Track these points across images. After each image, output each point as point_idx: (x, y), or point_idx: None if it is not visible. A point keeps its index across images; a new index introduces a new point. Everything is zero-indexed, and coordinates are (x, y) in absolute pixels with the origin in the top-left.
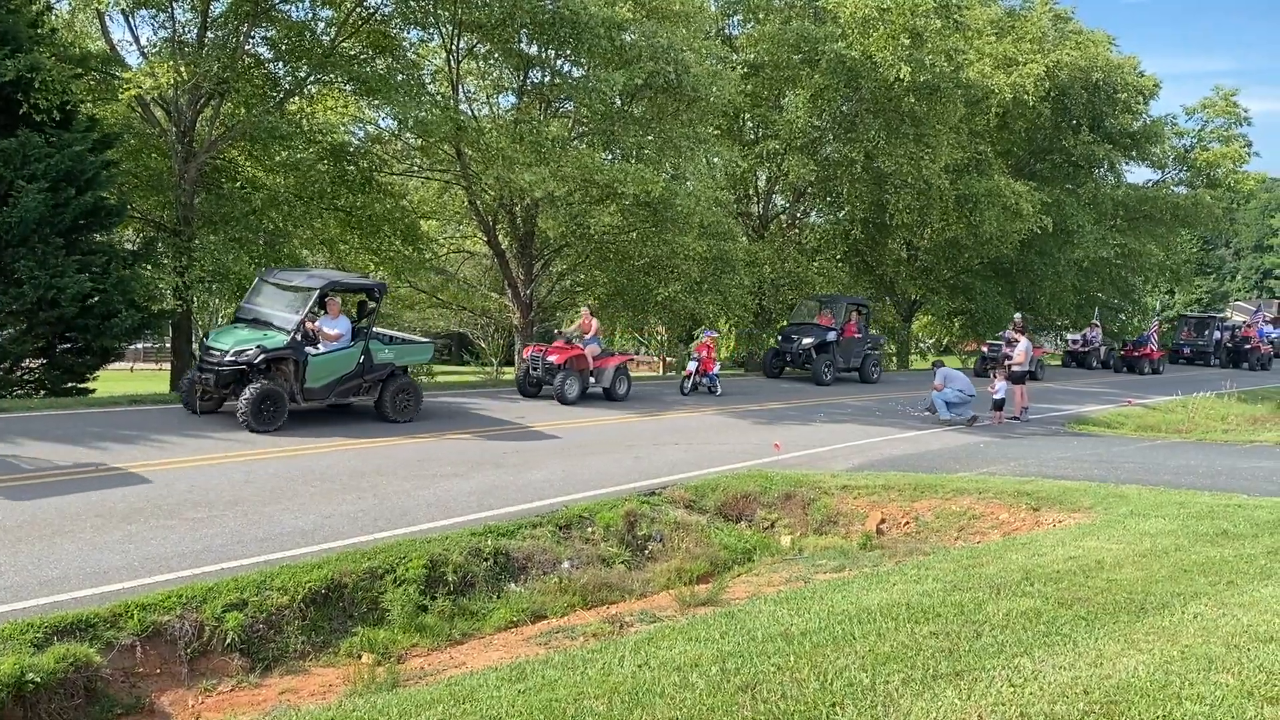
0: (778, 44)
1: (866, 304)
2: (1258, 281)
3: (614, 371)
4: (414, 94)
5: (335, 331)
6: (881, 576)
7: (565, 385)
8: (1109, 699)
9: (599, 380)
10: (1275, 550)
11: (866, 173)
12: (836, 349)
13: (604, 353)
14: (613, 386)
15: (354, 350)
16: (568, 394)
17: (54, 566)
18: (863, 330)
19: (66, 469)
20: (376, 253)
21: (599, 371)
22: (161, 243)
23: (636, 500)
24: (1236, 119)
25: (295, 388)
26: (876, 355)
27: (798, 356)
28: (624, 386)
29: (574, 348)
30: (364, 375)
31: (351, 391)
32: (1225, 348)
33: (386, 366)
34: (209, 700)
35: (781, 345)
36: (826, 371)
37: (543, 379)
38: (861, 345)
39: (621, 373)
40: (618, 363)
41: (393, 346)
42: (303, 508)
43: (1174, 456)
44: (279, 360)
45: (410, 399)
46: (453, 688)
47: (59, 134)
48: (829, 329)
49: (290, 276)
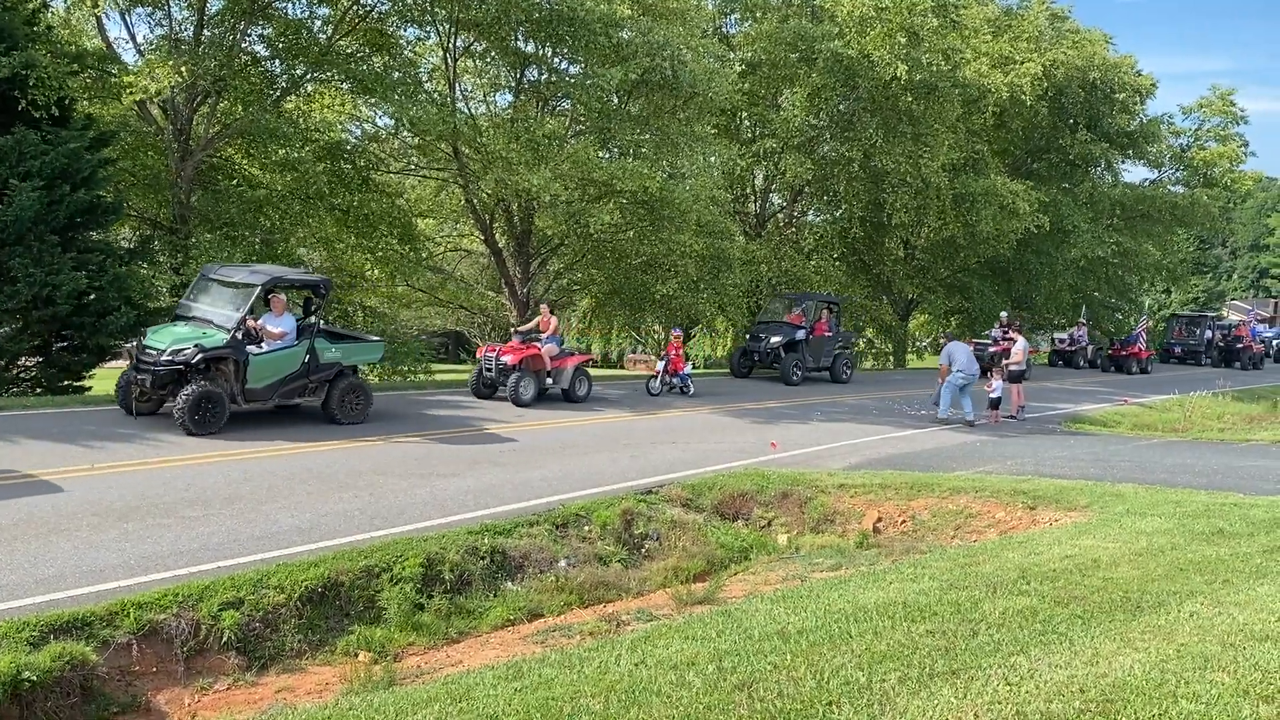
0: (775, 42)
1: (837, 301)
2: (1254, 280)
3: (573, 372)
4: (411, 92)
5: (279, 330)
6: (878, 575)
7: (519, 387)
8: (1105, 697)
9: (557, 381)
10: (1271, 549)
11: (864, 171)
12: (806, 348)
13: (563, 352)
14: (571, 388)
15: (299, 349)
16: (522, 396)
17: (50, 565)
18: (833, 328)
19: (60, 468)
20: (373, 251)
21: (557, 372)
22: (158, 240)
23: (633, 499)
24: (1233, 118)
25: (236, 388)
26: (848, 354)
27: (766, 356)
28: (584, 388)
29: (529, 347)
30: (310, 375)
31: (297, 392)
32: (1217, 347)
33: (333, 366)
34: (205, 699)
35: (749, 344)
36: (796, 372)
37: (497, 380)
38: (832, 344)
39: (581, 373)
40: (577, 362)
41: (340, 345)
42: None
43: (1170, 455)
44: (218, 360)
45: (359, 400)
46: (449, 686)
47: (55, 131)
48: (798, 327)
49: (232, 272)
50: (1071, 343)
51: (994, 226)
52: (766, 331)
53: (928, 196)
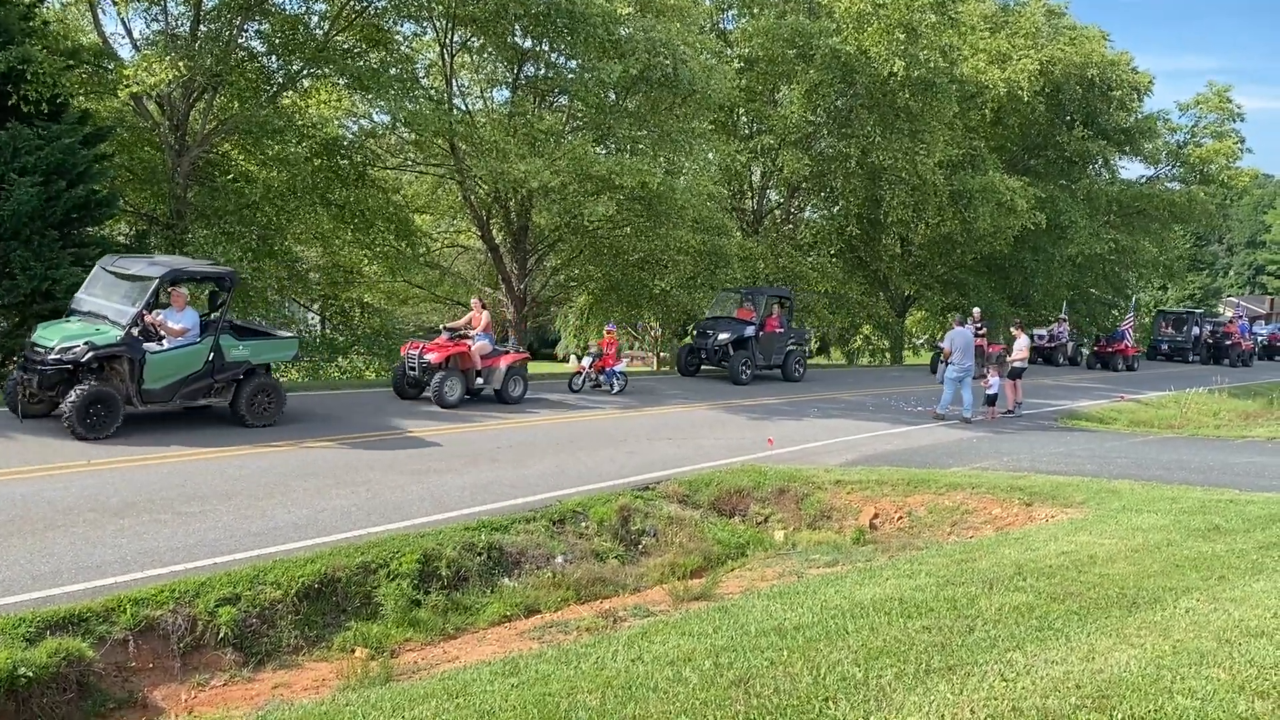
0: (772, 38)
1: (790, 295)
2: (1250, 278)
3: (506, 371)
4: (407, 88)
5: (180, 326)
6: (874, 571)
7: (444, 387)
8: (1101, 693)
9: (488, 381)
10: (1267, 545)
11: (861, 168)
12: (756, 345)
13: (496, 350)
14: (505, 388)
15: (201, 347)
16: (446, 397)
17: (46, 561)
18: (785, 324)
19: (59, 464)
20: (370, 248)
21: (488, 371)
22: (154, 236)
23: (630, 495)
24: (1229, 114)
25: (132, 389)
26: (800, 351)
27: (714, 353)
28: (518, 388)
29: (456, 344)
30: (215, 375)
31: (201, 393)
32: (1206, 344)
33: (241, 364)
34: (202, 695)
35: (696, 341)
36: (745, 370)
37: (421, 379)
38: (784, 341)
39: (515, 373)
40: (511, 361)
41: (249, 342)
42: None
43: (1166, 451)
44: (111, 359)
45: (270, 401)
46: (446, 682)
47: (49, 127)
48: (747, 323)
49: (129, 264)
50: (1051, 339)
51: (991, 223)
52: (714, 328)
53: (925, 193)
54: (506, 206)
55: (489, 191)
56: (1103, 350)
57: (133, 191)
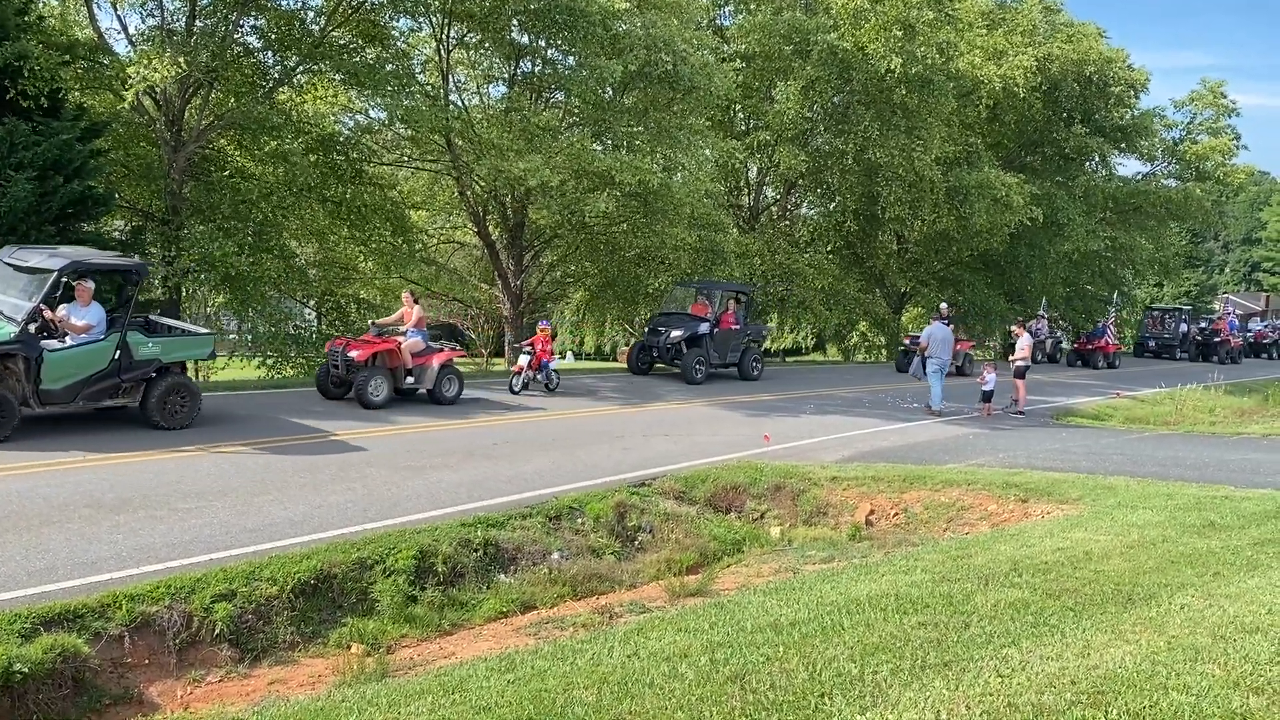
0: (769, 34)
1: (747, 290)
2: (1246, 274)
3: (438, 370)
4: (404, 84)
5: (83, 322)
6: (870, 567)
7: (369, 387)
8: (1096, 689)
9: (419, 380)
10: (1261, 542)
11: (857, 164)
12: (711, 342)
13: (429, 348)
14: (438, 388)
15: (106, 344)
16: (371, 397)
17: (42, 557)
18: (741, 320)
19: (53, 460)
20: (366, 244)
21: (419, 370)
22: (150, 232)
23: (626, 491)
24: (1224, 110)
25: (28, 390)
26: (757, 349)
27: (666, 351)
28: (453, 388)
29: (384, 340)
30: (122, 374)
31: (107, 393)
32: (1194, 341)
33: (151, 363)
34: (198, 691)
35: (648, 339)
36: (698, 369)
37: (345, 378)
38: (740, 337)
39: (449, 372)
40: (444, 359)
41: (160, 339)
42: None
43: (1161, 448)
44: (5, 357)
45: (184, 402)
46: (442, 678)
47: (46, 122)
48: (702, 319)
49: (27, 255)
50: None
51: (987, 220)
52: (667, 324)
53: (921, 189)
54: (503, 203)
55: (485, 188)
56: (1083, 347)
57: (128, 187)
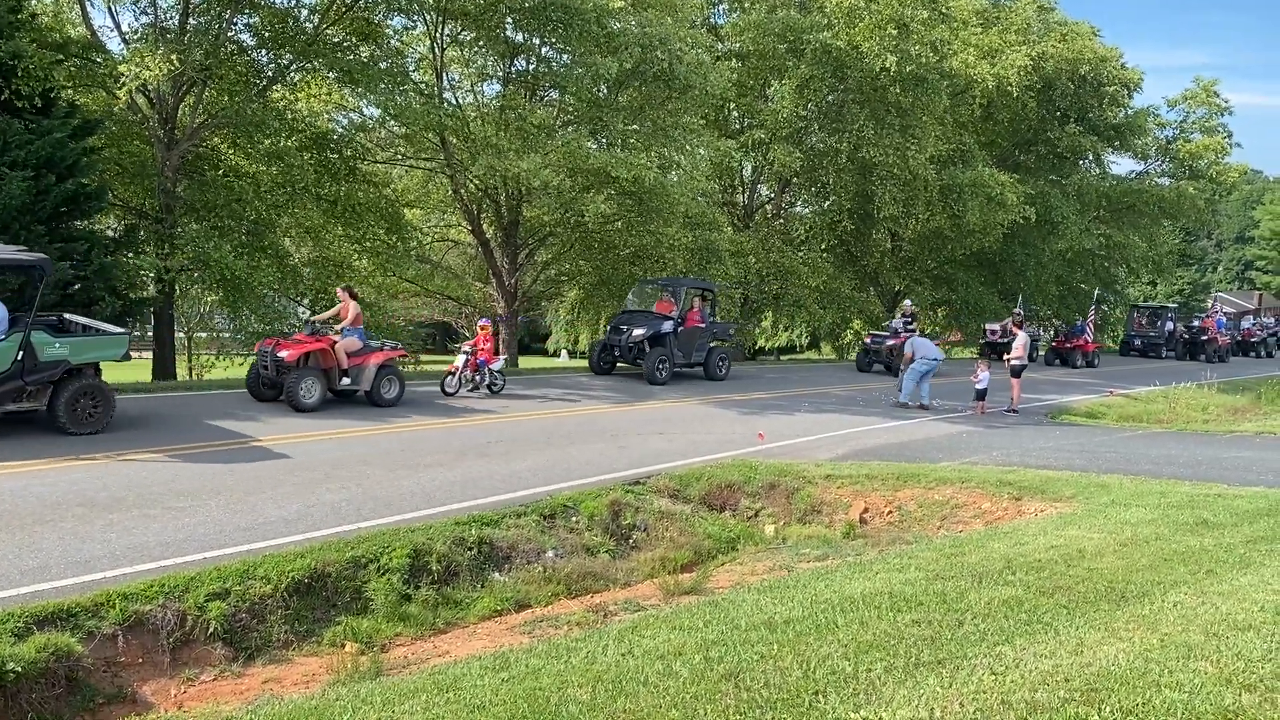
0: (763, 33)
1: (713, 288)
2: (1239, 273)
3: (376, 371)
4: (398, 82)
5: None
6: (864, 565)
7: (300, 389)
8: (1089, 686)
9: (356, 381)
10: (1254, 539)
11: (852, 163)
12: (674, 341)
13: (366, 347)
14: (376, 389)
15: (8, 345)
16: (302, 400)
17: (34, 556)
18: (707, 319)
19: (48, 458)
20: (360, 242)
21: (356, 371)
22: (143, 230)
23: (621, 490)
24: (1217, 109)
25: None
26: (724, 349)
27: (628, 350)
28: (393, 390)
29: (316, 340)
30: (25, 376)
31: (9, 397)
32: (1181, 339)
33: (58, 365)
34: (191, 690)
35: (609, 337)
36: (661, 369)
37: (276, 379)
38: (705, 336)
39: (389, 372)
40: (383, 359)
41: (69, 340)
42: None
43: (1155, 446)
44: None
45: (96, 405)
46: (436, 677)
47: (39, 120)
48: (665, 318)
49: None
50: (1003, 334)
51: (981, 218)
52: (629, 323)
53: (915, 188)
54: (497, 201)
55: (480, 186)
56: (1061, 346)
57: (121, 185)
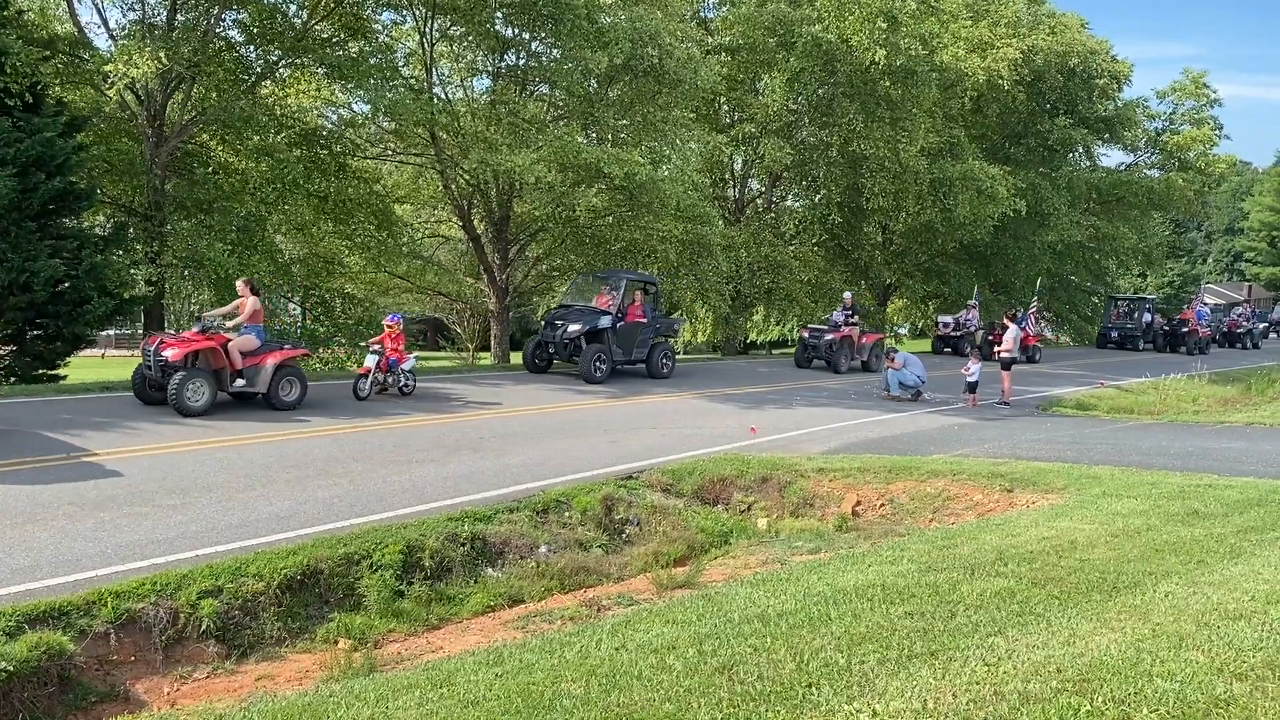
0: (753, 27)
1: (654, 281)
2: (1229, 264)
3: (273, 371)
4: (387, 77)
5: None
6: (857, 558)
7: (186, 392)
8: (1081, 676)
9: (251, 382)
10: (1245, 529)
11: (842, 156)
12: (613, 337)
13: (265, 345)
14: (274, 391)
15: None
16: (188, 403)
17: (25, 555)
18: (649, 314)
19: (37, 456)
20: (351, 238)
21: (252, 371)
22: (133, 228)
23: (614, 484)
24: (1206, 100)
25: None
26: (667, 345)
27: (563, 347)
28: (293, 392)
29: (205, 338)
30: None
31: None
32: (1161, 331)
33: None
34: (184, 687)
35: (543, 334)
36: (599, 367)
37: (161, 380)
38: (648, 332)
39: (288, 373)
40: (282, 359)
41: None
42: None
43: (1146, 438)
44: None
45: None
46: (430, 672)
47: (27, 118)
48: (603, 312)
49: None
50: (957, 327)
51: (971, 211)
52: (565, 318)
53: (905, 181)
54: (487, 196)
55: (470, 181)
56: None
57: (110, 183)
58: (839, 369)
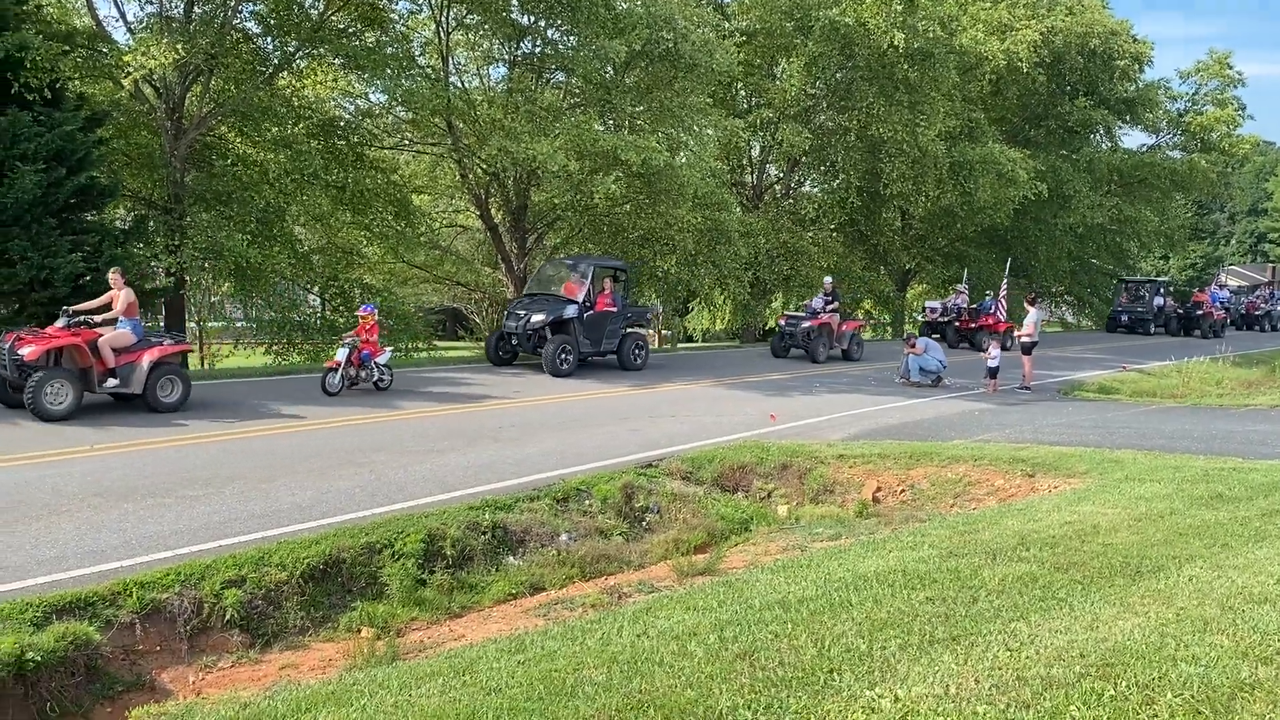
0: (770, 10)
1: (625, 268)
2: (1252, 245)
3: (149, 368)
4: (404, 67)
5: None
6: (878, 544)
7: (45, 394)
8: (1105, 661)
9: (125, 382)
10: (1269, 513)
11: (861, 141)
12: (581, 327)
13: (143, 341)
14: (151, 391)
15: None
16: (48, 406)
17: (51, 546)
18: (619, 302)
19: (64, 448)
20: (369, 228)
21: (126, 369)
22: (153, 221)
23: (633, 473)
24: (1230, 81)
25: None
26: (640, 335)
27: (526, 338)
28: (173, 392)
29: (68, 334)
30: None
31: None
32: (1174, 314)
33: None
34: (209, 676)
35: (507, 324)
36: (564, 358)
37: (19, 381)
38: (618, 322)
39: (169, 371)
40: (160, 355)
41: None
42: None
43: (1169, 421)
44: None
45: None
46: (452, 660)
47: (48, 113)
48: (570, 301)
49: None
50: (944, 312)
51: (991, 195)
52: (528, 307)
53: (925, 165)
54: (505, 185)
55: (487, 170)
56: (965, 326)
57: (129, 176)
58: (817, 358)
